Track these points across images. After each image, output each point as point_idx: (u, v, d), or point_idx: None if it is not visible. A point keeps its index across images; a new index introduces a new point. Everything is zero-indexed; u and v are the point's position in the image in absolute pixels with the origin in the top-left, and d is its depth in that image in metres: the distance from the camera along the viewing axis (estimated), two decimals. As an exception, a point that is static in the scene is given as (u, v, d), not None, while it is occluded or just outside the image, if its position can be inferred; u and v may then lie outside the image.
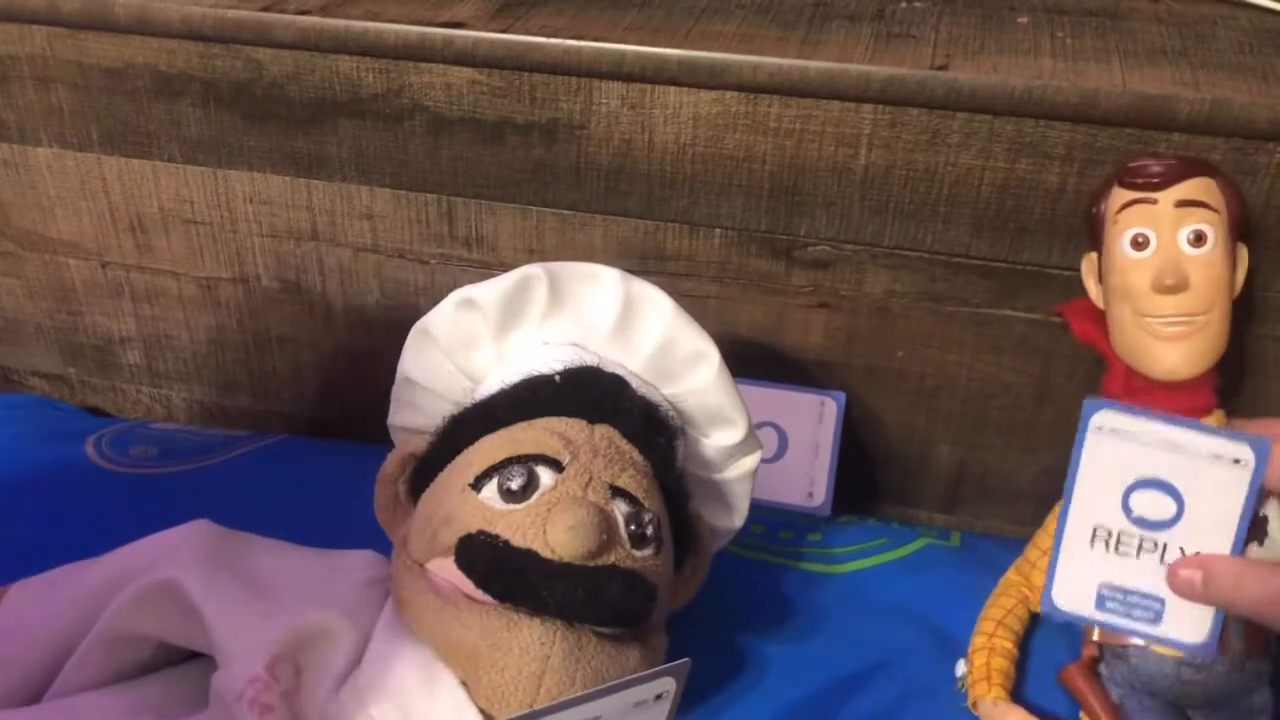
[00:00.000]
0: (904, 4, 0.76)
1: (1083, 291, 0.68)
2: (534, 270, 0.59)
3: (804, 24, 0.73)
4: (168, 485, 0.79)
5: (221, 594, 0.55)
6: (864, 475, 0.83)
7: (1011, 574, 0.68)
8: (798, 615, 0.69)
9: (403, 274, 0.83)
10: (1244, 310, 0.70)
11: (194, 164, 0.83)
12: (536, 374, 0.59)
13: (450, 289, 0.62)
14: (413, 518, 0.58)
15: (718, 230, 0.76)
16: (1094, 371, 0.75)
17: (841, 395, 0.79)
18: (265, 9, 0.75)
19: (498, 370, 0.61)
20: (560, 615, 0.51)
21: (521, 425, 0.56)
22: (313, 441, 0.88)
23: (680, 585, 0.61)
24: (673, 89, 0.72)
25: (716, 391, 0.62)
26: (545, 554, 0.51)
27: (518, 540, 0.51)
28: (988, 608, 0.66)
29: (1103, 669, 0.61)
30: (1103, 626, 0.48)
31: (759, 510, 0.78)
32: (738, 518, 0.67)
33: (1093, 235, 0.67)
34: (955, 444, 0.80)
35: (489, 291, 0.60)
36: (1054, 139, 0.68)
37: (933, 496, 0.83)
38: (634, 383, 0.60)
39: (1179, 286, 0.61)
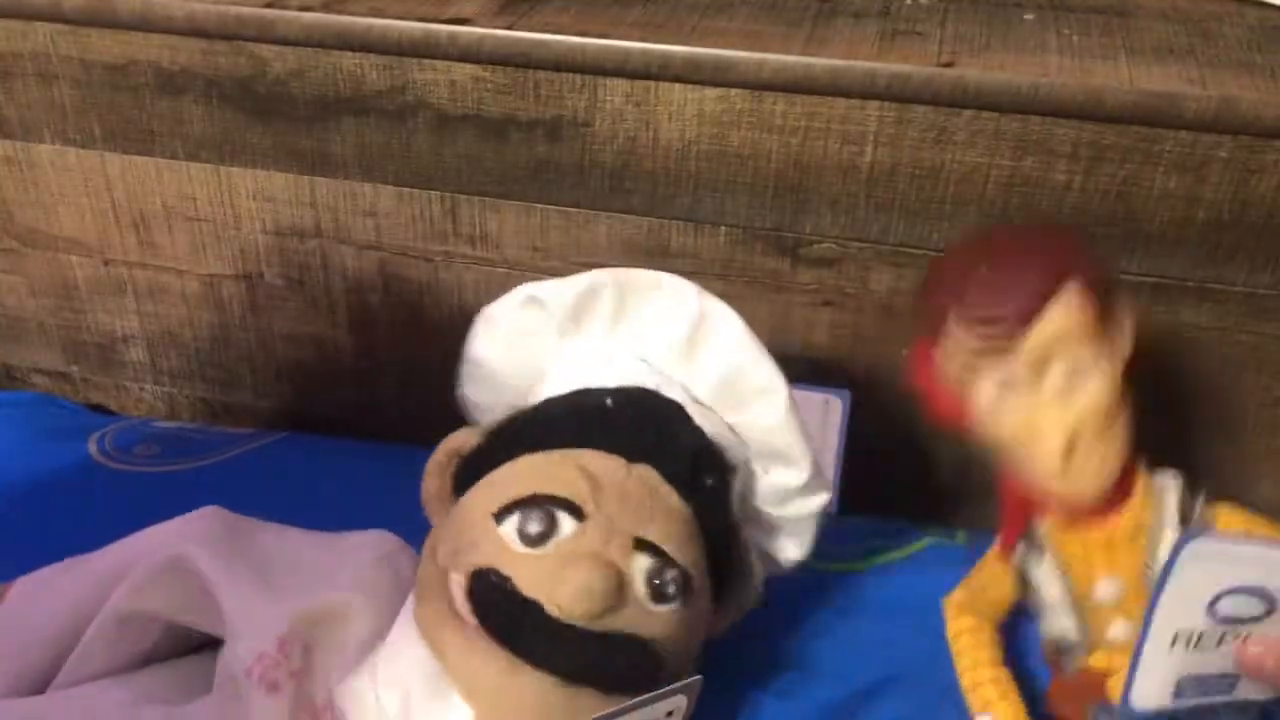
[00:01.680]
0: (909, 1, 0.76)
1: None
2: (603, 276, 0.59)
3: (809, 21, 0.73)
4: (171, 483, 0.79)
5: (233, 571, 0.55)
6: (869, 474, 0.83)
7: (963, 617, 0.63)
8: (802, 614, 0.68)
9: (406, 271, 0.83)
10: (1253, 311, 0.70)
11: (197, 161, 0.83)
12: (591, 388, 0.57)
13: (454, 286, 0.62)
14: (447, 519, 0.57)
15: (722, 228, 0.76)
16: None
17: (847, 393, 0.78)
18: (269, 5, 0.75)
19: (558, 369, 0.61)
20: (555, 672, 0.50)
21: (558, 456, 0.54)
22: (316, 439, 0.88)
23: (720, 617, 0.59)
24: (677, 86, 0.71)
25: (782, 431, 0.59)
26: (550, 610, 0.50)
27: (526, 588, 0.50)
28: (974, 654, 0.61)
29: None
30: (1179, 711, 0.47)
31: (763, 509, 0.77)
32: (800, 551, 0.64)
33: (929, 329, 0.58)
34: (961, 443, 0.79)
35: (555, 292, 0.60)
36: (1060, 137, 0.67)
37: (938, 495, 0.83)
38: (693, 411, 0.58)
39: (1070, 448, 0.53)
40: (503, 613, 0.51)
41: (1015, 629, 0.65)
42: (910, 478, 0.83)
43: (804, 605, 0.69)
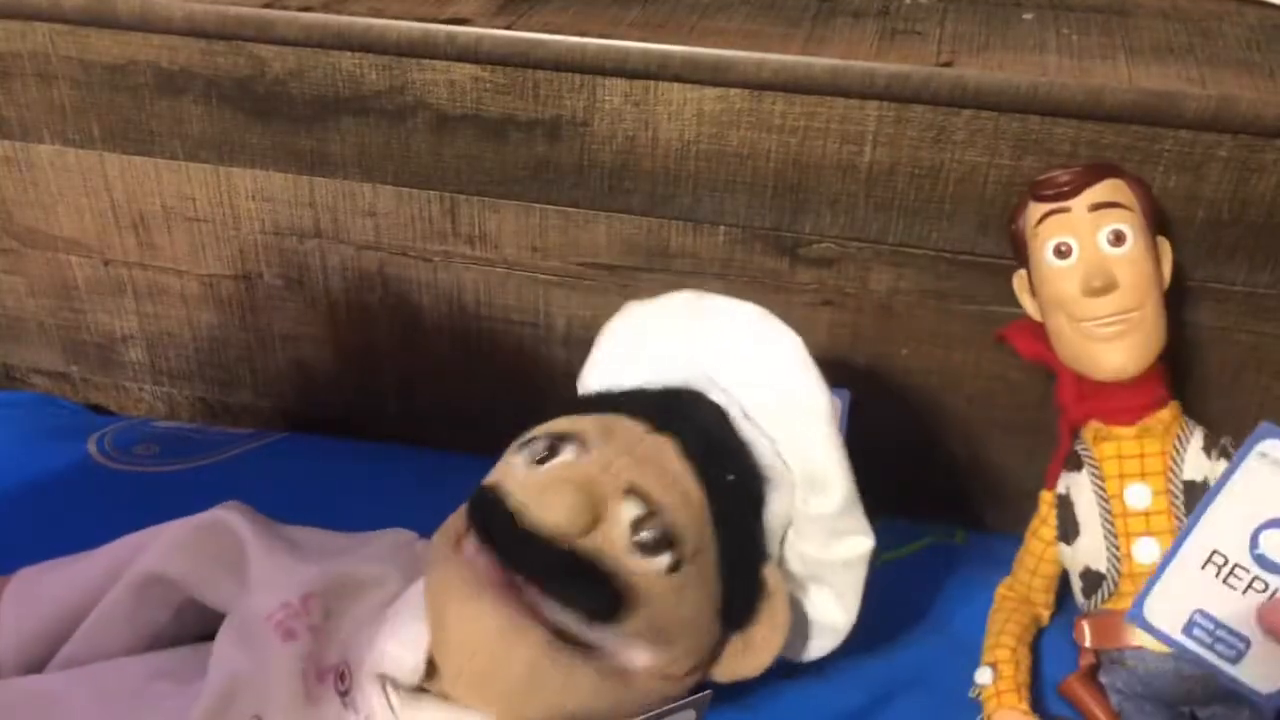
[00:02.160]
0: (908, 0, 0.76)
1: None
2: (688, 295, 0.63)
3: (808, 20, 0.73)
4: (170, 483, 0.79)
5: (266, 538, 0.58)
6: (869, 474, 0.83)
7: (1007, 592, 0.68)
8: (802, 614, 0.68)
9: (405, 271, 0.83)
10: (1252, 310, 0.70)
11: (196, 161, 0.83)
12: (659, 383, 0.61)
13: (453, 287, 0.62)
14: None
15: (722, 228, 0.76)
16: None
17: (846, 394, 0.78)
18: (268, 5, 0.75)
19: (630, 368, 0.63)
20: (514, 568, 0.52)
21: (593, 416, 0.58)
22: (315, 439, 0.88)
23: (732, 652, 0.58)
24: (676, 86, 0.71)
25: (821, 445, 0.58)
26: (527, 518, 0.52)
27: (513, 499, 0.53)
28: (1004, 621, 0.66)
29: (1102, 677, 0.61)
30: (1182, 652, 0.46)
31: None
32: (845, 614, 0.62)
33: (1018, 253, 0.68)
34: (961, 442, 0.80)
35: (653, 305, 0.64)
36: (1060, 136, 0.67)
37: (938, 495, 0.83)
38: (740, 422, 0.59)
39: (1108, 287, 0.62)
40: (484, 511, 0.54)
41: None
42: (910, 478, 0.82)
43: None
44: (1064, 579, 0.66)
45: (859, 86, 0.68)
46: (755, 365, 0.60)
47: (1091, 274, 0.62)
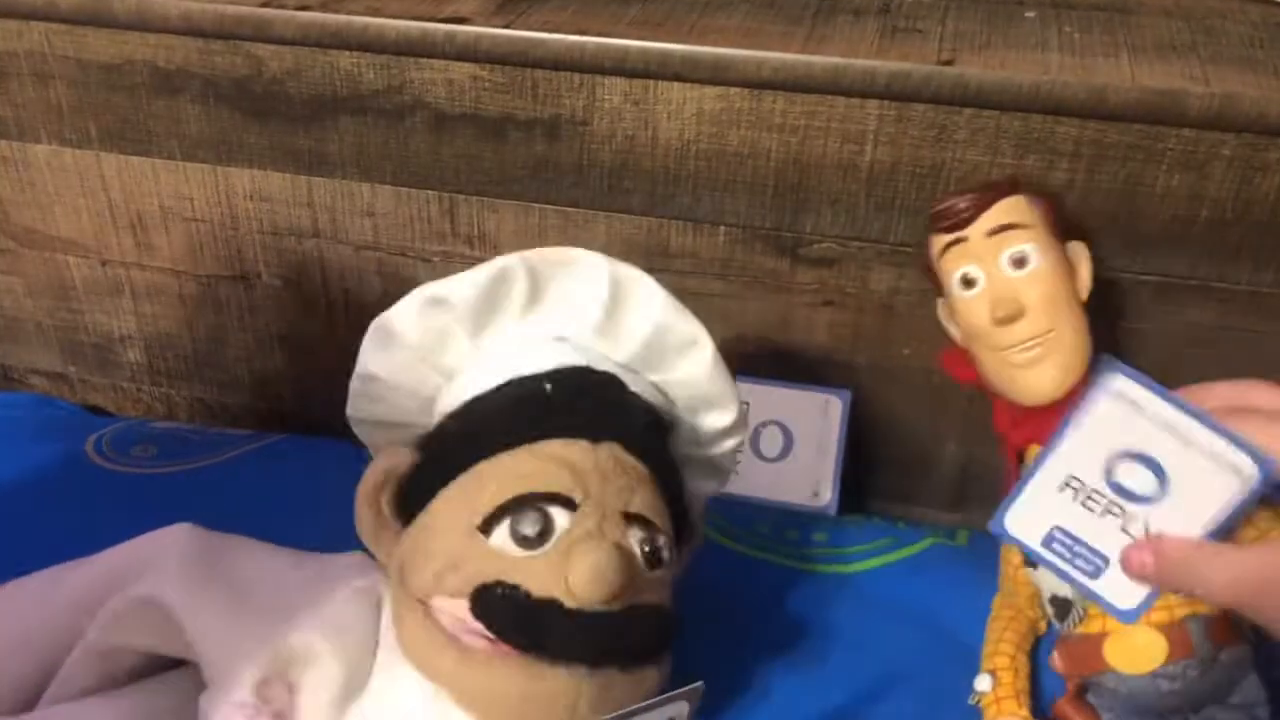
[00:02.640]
0: (910, -2, 0.76)
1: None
2: (511, 261, 0.56)
3: (809, 19, 0.72)
4: (168, 485, 0.79)
5: (205, 610, 0.53)
6: (870, 474, 0.82)
7: (1003, 602, 0.67)
8: (804, 616, 0.68)
9: (404, 272, 0.83)
10: (1256, 309, 0.70)
11: (194, 161, 0.82)
12: (521, 377, 0.56)
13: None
14: (404, 545, 0.55)
15: (722, 228, 0.75)
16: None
17: (847, 393, 0.78)
18: (265, 4, 0.74)
19: (474, 365, 0.58)
20: (586, 663, 0.50)
21: (524, 453, 0.53)
22: (313, 440, 0.87)
23: (679, 565, 0.60)
24: (676, 85, 0.71)
25: (711, 380, 0.59)
26: (569, 603, 0.49)
27: (538, 590, 0.50)
28: (1002, 630, 0.65)
29: (1090, 698, 0.60)
30: (1041, 562, 0.48)
31: (764, 510, 0.77)
32: (719, 485, 0.66)
33: (933, 283, 0.68)
34: (962, 442, 0.80)
35: (461, 287, 0.56)
36: (1062, 135, 0.67)
37: (939, 495, 0.82)
38: (626, 378, 0.58)
39: (1015, 315, 0.61)
40: (522, 621, 0.50)
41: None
42: (911, 478, 0.82)
43: (806, 606, 0.69)
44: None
45: (860, 85, 0.68)
46: (620, 317, 0.57)
47: (997, 303, 0.62)
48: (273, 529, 0.62)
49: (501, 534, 0.51)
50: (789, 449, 0.79)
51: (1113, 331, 0.72)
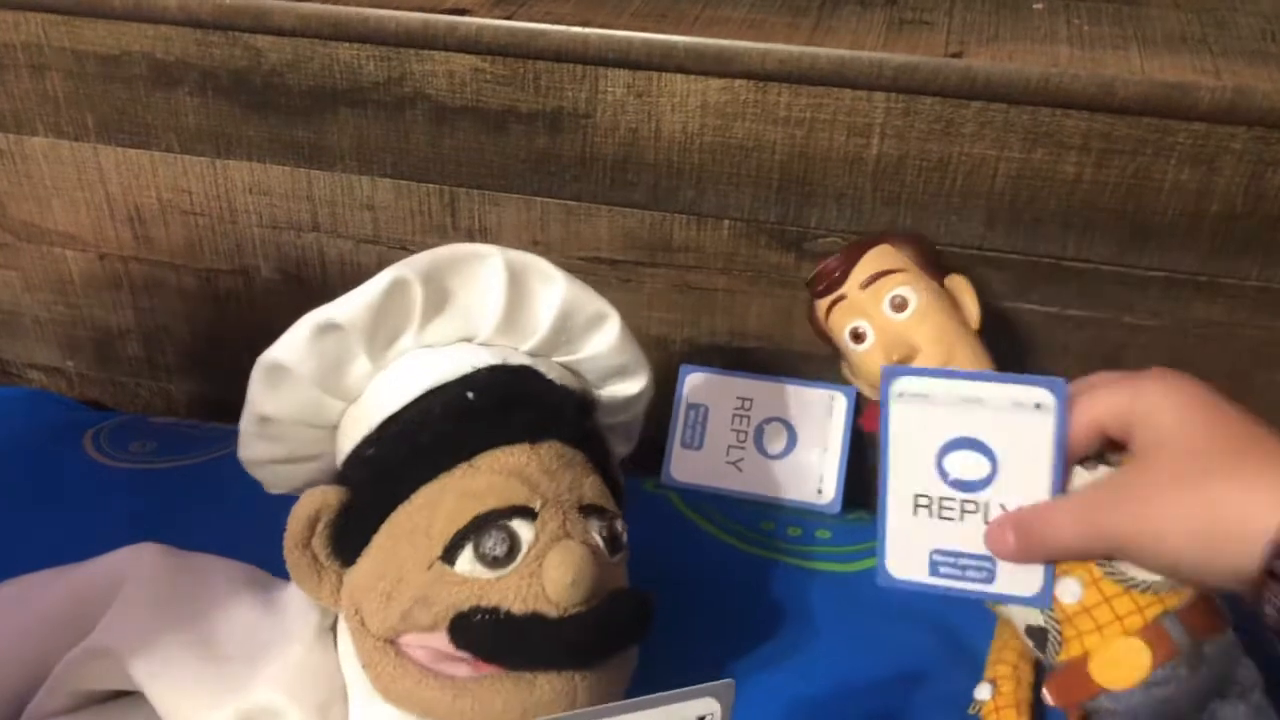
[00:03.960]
0: (916, -10, 0.75)
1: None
2: (402, 271, 0.53)
3: (815, 10, 0.72)
4: (167, 480, 0.78)
5: (164, 666, 0.51)
6: (872, 472, 0.82)
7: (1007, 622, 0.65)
8: (806, 614, 0.68)
9: (405, 266, 0.82)
10: (1266, 305, 0.69)
11: (192, 154, 0.82)
12: (436, 388, 0.54)
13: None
14: (353, 587, 0.52)
15: (726, 221, 0.75)
16: (1109, 366, 0.73)
17: (852, 390, 0.78)
18: (264, -5, 0.74)
19: (380, 384, 0.55)
20: (578, 665, 0.50)
21: (466, 471, 0.51)
22: (314, 436, 0.87)
23: None
24: (680, 77, 0.70)
25: (620, 350, 0.59)
26: (551, 613, 0.49)
27: (518, 607, 0.49)
28: (1006, 641, 0.64)
29: None
30: (939, 592, 0.47)
31: (767, 507, 0.77)
32: (629, 448, 0.66)
33: (829, 345, 0.70)
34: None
35: (352, 308, 0.53)
36: (1070, 128, 0.66)
37: (944, 492, 0.82)
38: (539, 366, 0.56)
39: (908, 356, 0.64)
40: (509, 642, 0.49)
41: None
42: (916, 475, 0.82)
43: (808, 604, 0.69)
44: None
45: (866, 77, 0.67)
46: (524, 305, 0.56)
47: (889, 348, 0.64)
48: (270, 525, 0.61)
49: (466, 559, 0.49)
50: (792, 446, 0.78)
51: (1118, 327, 0.72)
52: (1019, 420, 0.44)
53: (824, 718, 0.62)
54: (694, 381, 0.79)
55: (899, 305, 0.65)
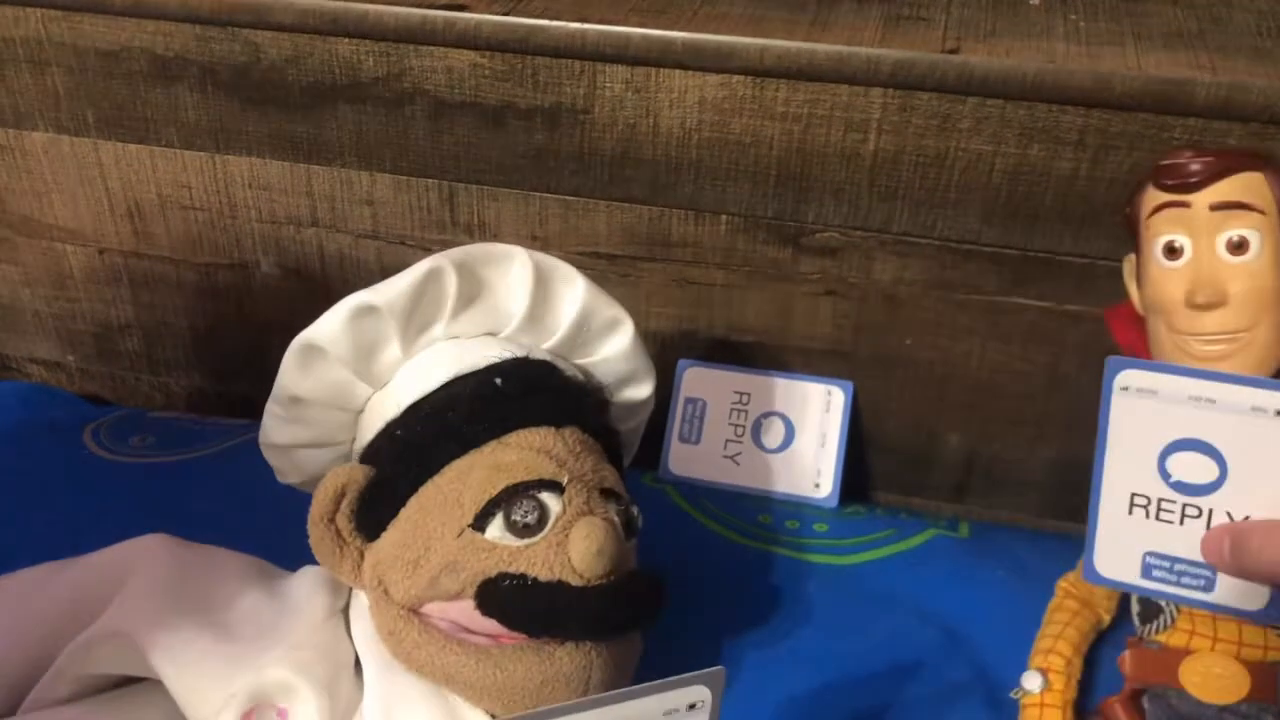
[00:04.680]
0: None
1: (1111, 289, 0.63)
2: (440, 262, 0.56)
3: (812, 6, 0.72)
4: (166, 474, 0.79)
5: (173, 640, 0.52)
6: (872, 465, 0.82)
7: (1071, 589, 0.63)
8: (805, 608, 0.68)
9: (404, 261, 0.81)
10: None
11: (192, 149, 0.82)
12: (463, 375, 0.56)
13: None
14: (377, 560, 0.54)
15: (724, 217, 0.75)
16: (1104, 360, 0.73)
17: (849, 384, 0.78)
18: (263, -9, 0.74)
19: (408, 371, 0.57)
20: (598, 637, 0.51)
21: (496, 448, 0.54)
22: (313, 430, 0.87)
23: None
24: (678, 72, 0.70)
25: (631, 357, 0.61)
26: (575, 582, 0.51)
27: (543, 575, 0.51)
28: (1063, 625, 0.61)
29: (1146, 703, 0.57)
30: (1151, 595, 0.45)
31: (765, 501, 0.77)
32: (631, 452, 0.68)
33: (1130, 235, 0.60)
34: (964, 433, 0.79)
35: (389, 293, 0.55)
36: (1067, 124, 0.66)
37: (941, 486, 0.82)
38: (558, 364, 0.59)
39: (1214, 302, 0.54)
40: (534, 609, 0.51)
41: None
42: (913, 469, 0.82)
43: (808, 598, 0.69)
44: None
45: (863, 73, 0.67)
46: (548, 306, 0.59)
47: (1199, 284, 0.54)
48: (270, 518, 0.62)
49: (497, 526, 0.51)
50: (790, 440, 0.78)
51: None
52: (1256, 426, 0.41)
53: (821, 710, 0.62)
54: (692, 376, 0.80)
55: (1236, 246, 0.54)
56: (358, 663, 0.55)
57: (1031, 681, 0.59)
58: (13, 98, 0.83)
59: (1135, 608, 0.59)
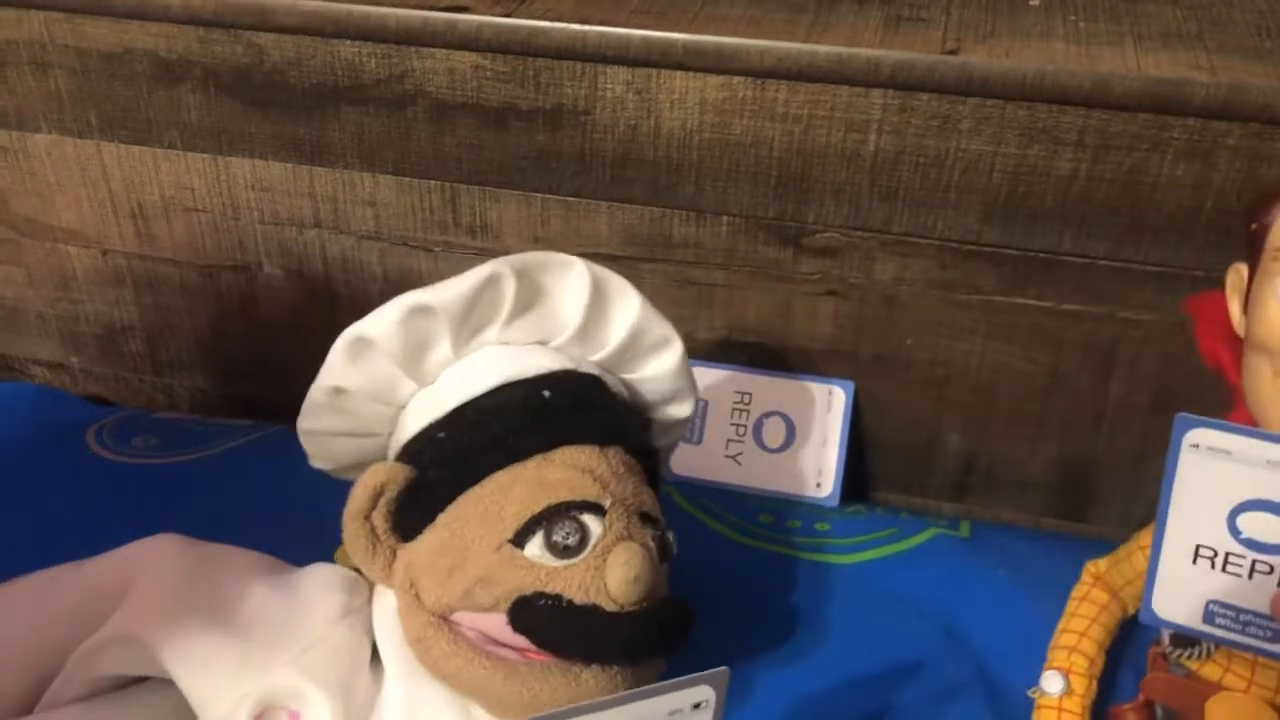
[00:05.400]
0: (914, -13, 0.75)
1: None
2: (500, 268, 0.55)
3: (812, 7, 0.72)
4: (169, 475, 0.79)
5: (184, 642, 0.52)
6: (872, 465, 0.82)
7: (1100, 575, 0.60)
8: (806, 607, 0.68)
9: (406, 262, 0.82)
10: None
11: (195, 151, 0.82)
12: (512, 383, 0.55)
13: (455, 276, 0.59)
14: (412, 562, 0.54)
15: (725, 217, 0.75)
16: (1106, 360, 0.74)
17: (850, 384, 0.78)
18: (266, -7, 0.74)
19: (457, 372, 0.57)
20: (628, 660, 0.51)
21: (541, 463, 0.53)
22: (315, 431, 0.87)
23: None
24: (679, 74, 0.71)
25: (678, 376, 0.61)
26: (609, 607, 0.51)
27: (579, 598, 0.50)
28: (1089, 622, 0.59)
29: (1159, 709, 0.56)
30: (1212, 640, 0.45)
31: (766, 500, 0.77)
32: (666, 466, 0.68)
33: (1249, 249, 0.54)
34: (965, 433, 0.79)
35: (447, 295, 0.54)
36: (1067, 124, 0.67)
37: (942, 486, 0.82)
38: (607, 380, 0.58)
39: None
40: (567, 630, 0.51)
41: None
42: (913, 469, 0.82)
43: (809, 597, 0.69)
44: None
45: (863, 74, 0.67)
46: (601, 320, 0.58)
47: None
48: (273, 519, 0.62)
49: (536, 545, 0.51)
50: (791, 439, 0.78)
51: (1114, 322, 0.72)
52: None
53: (822, 708, 0.62)
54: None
55: None
56: (375, 659, 0.55)
57: (1052, 685, 0.57)
58: (16, 100, 0.84)
59: (1165, 634, 0.56)
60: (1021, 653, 0.63)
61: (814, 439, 0.78)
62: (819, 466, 0.78)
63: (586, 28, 0.70)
